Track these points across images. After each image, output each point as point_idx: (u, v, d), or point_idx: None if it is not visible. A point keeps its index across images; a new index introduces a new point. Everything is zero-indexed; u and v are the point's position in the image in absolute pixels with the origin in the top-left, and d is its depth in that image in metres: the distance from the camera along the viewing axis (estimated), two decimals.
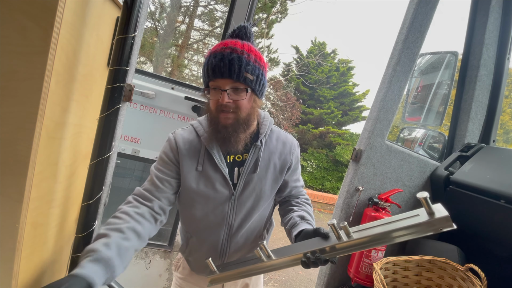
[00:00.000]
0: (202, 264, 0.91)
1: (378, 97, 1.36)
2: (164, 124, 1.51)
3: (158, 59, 7.65)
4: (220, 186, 0.84)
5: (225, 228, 0.88)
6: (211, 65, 0.75)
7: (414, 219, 0.63)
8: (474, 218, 1.31)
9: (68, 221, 0.83)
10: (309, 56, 9.35)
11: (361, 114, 9.07)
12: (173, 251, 1.63)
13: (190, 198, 0.87)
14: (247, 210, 0.88)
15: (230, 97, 0.76)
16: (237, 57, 0.74)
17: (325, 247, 0.71)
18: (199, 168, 0.84)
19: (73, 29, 0.61)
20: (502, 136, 6.36)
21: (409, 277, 1.22)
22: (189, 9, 7.87)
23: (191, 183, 0.84)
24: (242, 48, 0.76)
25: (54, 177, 0.66)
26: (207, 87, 0.80)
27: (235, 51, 0.75)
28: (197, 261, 0.94)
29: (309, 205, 0.98)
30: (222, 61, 0.74)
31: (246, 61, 0.75)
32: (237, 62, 0.74)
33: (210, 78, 0.77)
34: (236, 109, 0.78)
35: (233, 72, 0.74)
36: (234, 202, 0.86)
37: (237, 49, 0.75)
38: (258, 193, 0.87)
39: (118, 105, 0.76)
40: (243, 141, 0.82)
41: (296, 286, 2.85)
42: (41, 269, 0.70)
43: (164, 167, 0.85)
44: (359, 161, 1.37)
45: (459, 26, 2.08)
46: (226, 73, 0.74)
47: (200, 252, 0.92)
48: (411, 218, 0.64)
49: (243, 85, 0.76)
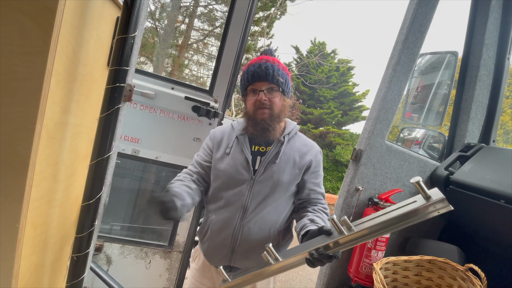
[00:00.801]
0: (215, 248, 1.02)
1: (378, 97, 1.36)
2: (164, 124, 1.51)
3: (158, 59, 7.66)
4: (241, 168, 1.00)
5: (241, 210, 0.99)
6: (250, 72, 0.98)
7: (412, 205, 0.65)
8: (474, 218, 1.31)
9: (68, 221, 0.83)
10: (309, 56, 9.35)
11: (361, 114, 9.08)
12: (173, 251, 1.63)
13: (216, 175, 1.04)
14: (263, 196, 0.99)
15: (266, 96, 0.97)
16: (271, 65, 0.98)
17: (329, 243, 0.73)
18: (228, 151, 1.03)
19: (73, 29, 0.61)
20: (502, 136, 6.36)
21: (409, 277, 1.22)
22: (189, 9, 7.87)
23: (219, 162, 1.03)
24: (273, 60, 1.01)
25: (54, 177, 0.66)
26: (245, 92, 1.02)
27: (268, 61, 0.99)
28: (211, 244, 1.03)
29: (326, 214, 1.01)
30: (259, 68, 0.97)
31: (277, 68, 0.98)
32: (271, 68, 0.97)
33: (249, 82, 0.99)
34: (271, 105, 0.98)
35: (268, 75, 0.96)
36: (252, 185, 0.99)
37: (269, 60, 0.99)
38: (276, 181, 0.99)
39: (118, 105, 0.76)
40: (277, 132, 1.01)
41: (296, 286, 2.86)
42: (41, 269, 0.70)
43: (203, 153, 1.09)
44: (359, 161, 1.37)
45: (459, 26, 2.08)
46: (263, 77, 0.96)
47: (215, 232, 1.02)
48: (409, 205, 0.66)
49: (276, 86, 0.98)
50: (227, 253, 1.00)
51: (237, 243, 0.99)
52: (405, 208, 0.66)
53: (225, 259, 1.01)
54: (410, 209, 0.64)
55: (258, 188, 0.99)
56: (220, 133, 1.08)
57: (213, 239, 1.02)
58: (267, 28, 8.30)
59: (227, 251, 1.00)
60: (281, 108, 1.00)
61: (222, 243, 1.00)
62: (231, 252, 1.00)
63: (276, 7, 8.15)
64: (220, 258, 1.01)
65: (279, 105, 0.99)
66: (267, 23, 8.22)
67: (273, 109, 0.98)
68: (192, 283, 1.10)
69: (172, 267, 1.63)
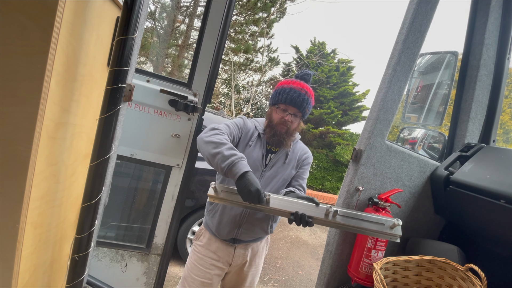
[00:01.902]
0: (225, 223, 1.22)
1: (378, 97, 1.36)
2: (139, 119, 1.41)
3: (158, 59, 7.65)
4: (256, 160, 1.21)
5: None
6: (290, 96, 1.18)
7: (381, 226, 1.03)
8: (474, 218, 1.31)
9: (68, 221, 0.83)
10: (309, 56, 9.34)
11: (361, 114, 9.07)
12: (151, 253, 1.55)
13: None
14: (268, 186, 1.22)
15: (291, 118, 1.21)
16: (307, 98, 1.20)
17: (314, 216, 1.03)
18: (250, 144, 1.23)
19: (73, 29, 0.61)
20: (502, 136, 6.36)
21: (409, 277, 1.22)
22: (189, 9, 7.87)
23: (241, 149, 1.21)
24: (310, 93, 1.22)
25: (54, 177, 0.66)
26: (277, 105, 1.22)
27: (306, 94, 1.20)
28: (222, 220, 1.22)
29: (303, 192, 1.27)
30: (299, 97, 1.18)
31: (310, 102, 1.22)
32: (306, 101, 1.20)
33: (285, 103, 1.19)
34: (290, 125, 1.22)
35: (301, 106, 1.20)
36: (260, 176, 1.22)
37: (308, 92, 1.21)
38: (280, 176, 1.24)
39: (118, 106, 0.76)
40: (288, 143, 1.24)
41: (296, 286, 2.86)
42: (41, 269, 0.70)
43: (235, 130, 1.22)
44: (359, 161, 1.37)
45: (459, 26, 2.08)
46: (297, 105, 1.19)
47: (228, 209, 1.22)
48: (379, 224, 1.04)
49: (300, 114, 1.22)
50: (235, 228, 1.21)
51: (244, 220, 1.21)
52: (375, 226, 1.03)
53: (232, 233, 1.22)
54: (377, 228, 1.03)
55: (266, 180, 1.22)
56: (250, 125, 1.27)
57: (225, 215, 1.22)
58: (267, 28, 8.30)
59: (235, 226, 1.21)
60: (296, 128, 1.26)
61: (233, 219, 1.20)
62: (238, 227, 1.22)
63: (276, 7, 8.15)
64: (228, 232, 1.22)
65: (295, 126, 1.24)
66: (267, 24, 8.22)
67: (291, 128, 1.22)
68: (198, 257, 1.27)
69: (150, 270, 1.57)
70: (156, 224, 1.54)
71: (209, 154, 1.04)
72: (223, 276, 1.31)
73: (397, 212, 1.48)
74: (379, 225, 1.03)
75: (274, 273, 2.99)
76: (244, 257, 1.29)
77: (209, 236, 1.27)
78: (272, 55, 9.19)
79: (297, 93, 1.18)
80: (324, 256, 1.49)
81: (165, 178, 1.53)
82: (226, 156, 1.01)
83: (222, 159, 1.01)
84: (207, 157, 1.06)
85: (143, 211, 1.62)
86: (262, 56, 8.64)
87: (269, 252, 3.46)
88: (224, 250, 1.25)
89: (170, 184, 1.53)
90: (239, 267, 1.31)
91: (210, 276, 1.26)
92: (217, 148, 1.03)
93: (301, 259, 3.46)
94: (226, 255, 1.26)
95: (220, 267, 1.26)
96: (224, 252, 1.25)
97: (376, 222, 1.04)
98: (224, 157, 1.01)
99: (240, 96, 9.47)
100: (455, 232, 1.49)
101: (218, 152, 1.02)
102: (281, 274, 3.01)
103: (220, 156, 1.01)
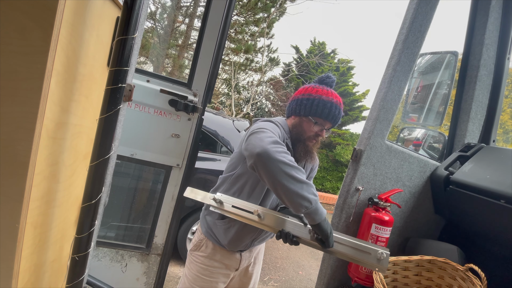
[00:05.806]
0: (240, 237, 1.16)
1: (378, 97, 1.36)
2: (139, 119, 1.41)
3: (158, 59, 7.65)
4: None
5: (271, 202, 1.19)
6: (332, 113, 1.13)
7: (366, 256, 0.99)
8: (474, 218, 1.31)
9: (68, 221, 0.83)
10: (309, 56, 9.35)
11: (361, 114, 9.07)
12: (151, 253, 1.55)
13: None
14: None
15: (325, 133, 1.17)
16: (342, 115, 1.18)
17: (300, 236, 1.01)
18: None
19: (73, 29, 0.61)
20: (502, 136, 6.36)
21: (409, 277, 1.22)
22: (189, 9, 7.87)
23: None
24: (342, 108, 1.18)
25: (54, 177, 0.66)
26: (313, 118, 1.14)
27: (341, 110, 1.17)
28: (237, 234, 1.15)
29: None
30: (339, 115, 1.15)
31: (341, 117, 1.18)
32: (340, 118, 1.18)
33: (324, 119, 1.14)
34: (321, 139, 1.20)
35: (337, 123, 1.18)
36: None
37: (341, 108, 1.17)
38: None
39: (118, 106, 0.76)
40: (315, 157, 1.22)
41: (296, 286, 2.86)
42: (41, 269, 0.70)
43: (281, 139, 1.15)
44: (359, 161, 1.37)
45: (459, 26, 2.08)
46: (335, 122, 1.17)
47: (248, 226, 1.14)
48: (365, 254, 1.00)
49: (332, 128, 1.19)
50: (249, 242, 1.19)
51: (260, 235, 1.19)
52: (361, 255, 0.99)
53: (246, 246, 1.20)
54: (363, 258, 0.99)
55: None
56: (280, 134, 1.11)
57: (242, 230, 1.15)
58: (267, 29, 8.30)
59: (253, 239, 1.19)
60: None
61: (248, 233, 1.15)
62: (255, 239, 1.19)
63: (276, 7, 8.15)
64: (244, 245, 1.19)
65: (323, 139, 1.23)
66: (267, 24, 8.22)
67: (319, 141, 1.20)
68: (201, 268, 1.20)
69: (150, 270, 1.57)
70: (156, 224, 1.54)
71: (286, 186, 0.89)
72: (228, 282, 1.27)
73: (397, 212, 1.48)
74: (365, 254, 0.98)
75: (274, 273, 2.99)
76: (249, 259, 1.28)
77: (213, 246, 1.20)
78: (272, 55, 9.20)
79: (338, 109, 1.14)
80: (324, 256, 1.49)
81: (165, 178, 1.53)
82: (307, 197, 0.90)
83: (302, 197, 0.90)
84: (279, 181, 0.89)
85: (143, 211, 1.62)
86: (262, 56, 8.64)
87: (269, 252, 3.46)
88: (230, 257, 1.21)
89: (170, 184, 1.53)
90: (244, 269, 1.30)
91: (216, 286, 1.21)
92: (297, 182, 0.90)
93: (301, 259, 3.46)
94: (232, 262, 1.22)
95: (226, 274, 1.23)
96: (231, 259, 1.21)
97: (364, 250, 0.99)
98: (304, 198, 0.90)
99: (240, 96, 9.48)
100: (455, 232, 1.49)
101: (300, 189, 0.90)
102: (281, 274, 3.01)
103: (300, 194, 0.90)
